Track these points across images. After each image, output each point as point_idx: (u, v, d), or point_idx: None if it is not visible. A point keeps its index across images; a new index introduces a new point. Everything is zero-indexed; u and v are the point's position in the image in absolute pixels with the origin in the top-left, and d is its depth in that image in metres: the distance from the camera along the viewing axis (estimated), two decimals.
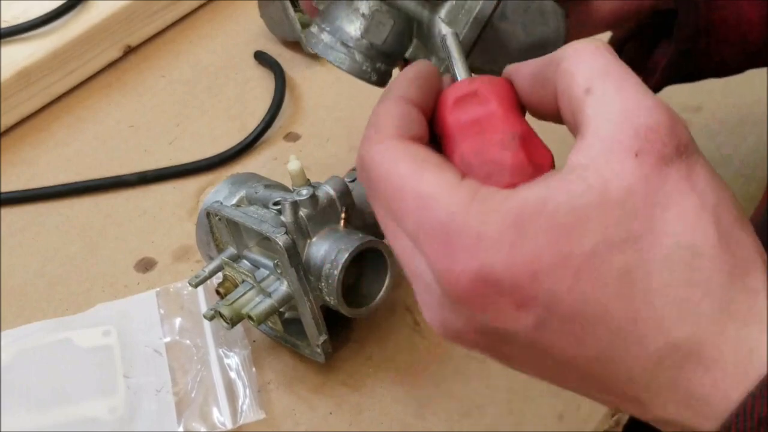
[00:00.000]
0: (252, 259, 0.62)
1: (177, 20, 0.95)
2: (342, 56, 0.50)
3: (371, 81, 0.52)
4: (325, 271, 0.59)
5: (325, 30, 0.51)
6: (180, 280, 0.70)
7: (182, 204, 0.78)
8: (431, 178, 0.37)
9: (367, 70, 0.51)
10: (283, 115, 0.85)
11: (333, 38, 0.50)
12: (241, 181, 0.67)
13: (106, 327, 0.67)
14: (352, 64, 0.51)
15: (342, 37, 0.50)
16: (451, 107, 0.41)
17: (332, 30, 0.50)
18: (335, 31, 0.50)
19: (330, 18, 0.51)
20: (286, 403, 0.63)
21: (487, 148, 0.39)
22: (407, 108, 0.41)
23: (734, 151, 0.77)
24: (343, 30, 0.50)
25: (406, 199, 0.37)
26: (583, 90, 0.36)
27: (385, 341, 0.66)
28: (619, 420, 0.61)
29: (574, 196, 0.35)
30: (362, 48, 0.51)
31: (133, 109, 0.87)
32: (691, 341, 0.34)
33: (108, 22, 0.88)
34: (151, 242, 0.75)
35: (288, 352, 0.66)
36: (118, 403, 0.63)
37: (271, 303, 0.60)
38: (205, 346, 0.66)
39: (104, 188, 0.80)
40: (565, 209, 0.34)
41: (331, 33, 0.50)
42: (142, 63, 0.92)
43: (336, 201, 0.61)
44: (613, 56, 0.37)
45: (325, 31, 0.51)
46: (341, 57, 0.51)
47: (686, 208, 0.35)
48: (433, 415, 0.62)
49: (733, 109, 0.81)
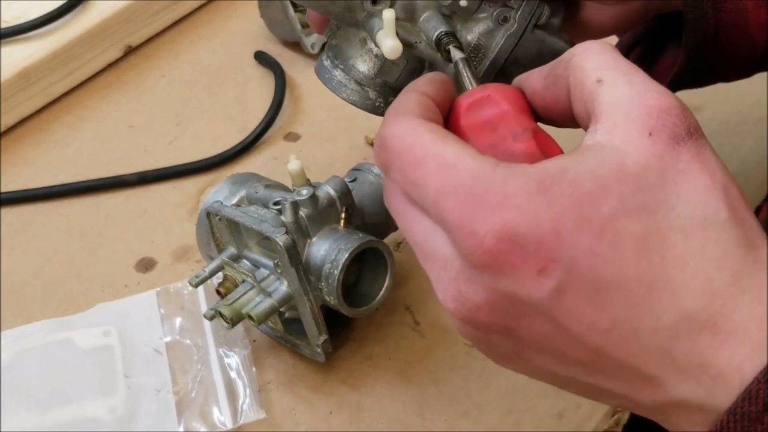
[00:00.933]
0: (252, 259, 0.63)
1: (177, 20, 0.95)
2: (355, 94, 0.51)
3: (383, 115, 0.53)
4: (325, 270, 0.59)
5: (338, 67, 0.51)
6: (180, 280, 0.70)
7: (182, 204, 0.78)
8: (455, 147, 0.38)
9: (380, 106, 0.52)
10: (283, 115, 0.85)
11: (346, 76, 0.51)
12: (242, 181, 0.67)
13: (106, 327, 0.67)
14: (365, 102, 0.52)
15: (355, 76, 0.51)
16: (465, 111, 0.42)
17: (346, 68, 0.51)
18: (349, 69, 0.51)
19: (343, 56, 0.51)
20: (286, 402, 0.63)
21: (501, 141, 0.40)
22: (427, 99, 0.42)
23: (734, 151, 0.77)
24: (356, 69, 0.51)
25: (428, 164, 0.38)
26: (595, 80, 0.38)
27: (385, 341, 0.66)
28: (618, 420, 0.61)
29: (594, 166, 0.36)
30: (376, 86, 0.52)
31: (133, 109, 0.87)
32: (706, 312, 0.35)
33: (108, 23, 0.88)
34: (152, 242, 0.75)
35: (288, 352, 0.66)
36: (119, 403, 0.63)
37: (272, 303, 0.60)
38: (205, 346, 0.66)
39: (104, 188, 0.80)
40: (587, 177, 0.36)
41: (345, 71, 0.51)
42: (142, 63, 0.92)
43: (336, 201, 0.62)
44: (618, 53, 0.39)
45: (338, 68, 0.51)
46: (355, 95, 0.52)
47: (698, 184, 0.36)
48: (433, 415, 0.62)
49: (733, 109, 0.81)
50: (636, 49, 0.57)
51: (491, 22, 0.50)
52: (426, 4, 0.49)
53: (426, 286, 0.69)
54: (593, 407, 0.62)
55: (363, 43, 0.51)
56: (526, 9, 0.50)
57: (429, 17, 0.49)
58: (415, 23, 0.49)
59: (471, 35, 0.51)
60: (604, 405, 0.62)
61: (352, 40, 0.51)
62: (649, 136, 0.36)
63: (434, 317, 0.67)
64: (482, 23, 0.51)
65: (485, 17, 0.50)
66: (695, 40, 0.50)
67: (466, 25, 0.50)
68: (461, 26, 0.50)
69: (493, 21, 0.50)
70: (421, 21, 0.49)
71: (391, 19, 0.46)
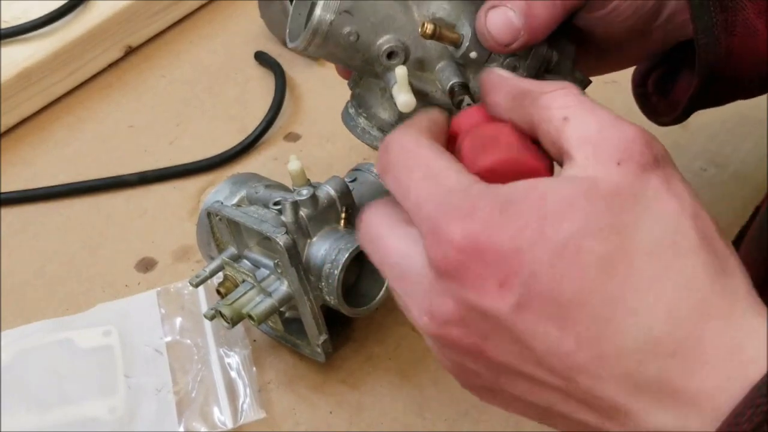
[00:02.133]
0: (252, 259, 0.63)
1: (178, 20, 0.95)
2: (378, 140, 0.53)
3: None
4: (326, 270, 0.59)
5: (362, 115, 0.53)
6: (180, 280, 0.70)
7: (183, 204, 0.78)
8: (444, 162, 0.40)
9: None
10: (284, 115, 0.85)
11: (369, 123, 0.53)
12: (242, 181, 0.67)
13: (106, 327, 0.67)
14: None
15: (378, 123, 0.53)
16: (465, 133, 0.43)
17: (368, 116, 0.53)
18: (371, 117, 0.53)
19: (366, 104, 0.53)
20: (286, 402, 0.63)
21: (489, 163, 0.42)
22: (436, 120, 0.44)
23: (734, 151, 0.78)
24: (378, 117, 0.53)
25: (417, 172, 0.40)
26: (561, 119, 0.39)
27: (385, 341, 0.66)
28: None
29: (564, 187, 0.37)
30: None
31: (134, 109, 0.87)
32: (672, 338, 0.35)
33: (109, 23, 0.88)
34: (152, 242, 0.75)
35: (288, 352, 0.66)
36: (119, 403, 0.63)
37: (272, 303, 0.60)
38: (205, 346, 0.66)
39: (104, 188, 0.80)
40: (554, 196, 0.37)
41: (368, 119, 0.53)
42: (142, 63, 0.92)
43: (336, 201, 0.62)
44: (582, 93, 0.40)
45: (362, 116, 0.53)
46: (377, 141, 0.53)
47: (667, 210, 0.37)
48: (433, 415, 0.62)
49: (733, 110, 0.81)
50: (653, 74, 0.58)
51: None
52: (440, 55, 0.50)
53: None
54: None
55: (383, 92, 0.52)
56: (533, 59, 0.51)
57: (443, 67, 0.50)
58: (431, 72, 0.50)
59: None
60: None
61: (373, 89, 0.52)
62: (618, 165, 0.37)
63: None
64: None
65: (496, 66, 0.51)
66: (708, 64, 0.50)
67: (478, 74, 0.51)
68: (473, 75, 0.51)
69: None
70: (436, 70, 0.50)
71: (403, 75, 0.48)
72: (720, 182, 0.75)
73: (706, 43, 0.49)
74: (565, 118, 0.39)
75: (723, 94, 0.55)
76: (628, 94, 0.83)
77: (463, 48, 0.49)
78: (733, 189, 0.75)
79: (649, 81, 0.57)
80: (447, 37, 0.49)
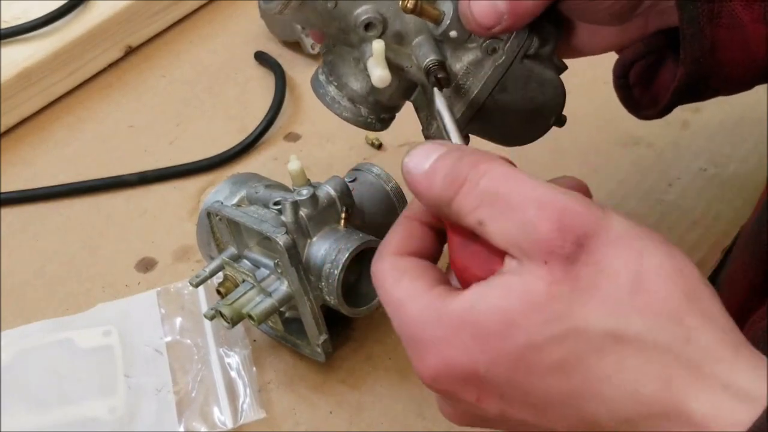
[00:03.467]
0: (252, 259, 0.63)
1: (178, 20, 0.95)
2: (348, 111, 0.52)
3: (375, 129, 0.54)
4: (326, 270, 0.59)
5: (332, 83, 0.52)
6: (180, 280, 0.70)
7: (183, 204, 0.78)
8: (405, 285, 0.42)
9: (372, 122, 0.53)
10: (284, 115, 0.85)
11: (339, 93, 0.52)
12: (242, 181, 0.67)
13: (106, 327, 0.67)
14: (357, 118, 0.53)
15: (348, 93, 0.52)
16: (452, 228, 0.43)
17: (339, 85, 0.52)
18: (342, 86, 0.52)
19: (337, 72, 0.52)
20: (286, 402, 0.63)
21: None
22: (411, 226, 0.46)
23: (734, 151, 0.78)
24: (349, 87, 0.51)
25: (389, 304, 0.43)
26: (477, 223, 0.39)
27: (385, 340, 0.66)
28: None
29: (499, 301, 0.38)
30: (368, 104, 0.52)
31: (134, 109, 0.87)
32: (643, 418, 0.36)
33: (109, 23, 0.88)
34: (152, 242, 0.75)
35: (288, 352, 0.66)
36: (119, 402, 0.63)
37: (272, 302, 0.60)
38: (205, 346, 0.66)
39: (104, 188, 0.80)
40: (492, 316, 0.38)
41: (338, 88, 0.52)
42: (142, 63, 0.92)
43: (336, 201, 0.62)
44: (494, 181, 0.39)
45: (332, 84, 0.52)
46: (347, 111, 0.52)
47: (603, 298, 0.37)
48: (433, 415, 0.62)
49: (733, 110, 0.81)
50: (636, 65, 0.57)
51: (480, 52, 0.50)
52: (419, 30, 0.49)
53: None
54: None
55: (357, 62, 0.51)
56: (514, 42, 0.50)
57: (421, 42, 0.49)
58: (407, 47, 0.49)
59: (459, 64, 0.50)
60: None
61: (346, 57, 0.51)
62: (546, 264, 0.37)
63: None
64: (471, 53, 0.50)
65: (474, 47, 0.50)
66: (693, 55, 0.50)
67: (456, 53, 0.50)
68: (451, 54, 0.50)
69: (482, 51, 0.50)
70: (413, 45, 0.49)
71: (380, 50, 0.47)
72: (720, 182, 0.75)
73: (692, 33, 0.49)
74: (480, 223, 0.39)
75: (707, 89, 0.54)
76: None
77: (443, 26, 0.49)
78: (733, 189, 0.75)
79: (631, 72, 0.57)
80: (428, 14, 0.48)
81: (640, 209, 0.74)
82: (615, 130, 0.80)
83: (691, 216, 0.73)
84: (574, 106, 0.56)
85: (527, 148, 0.57)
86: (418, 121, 0.53)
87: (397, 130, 0.56)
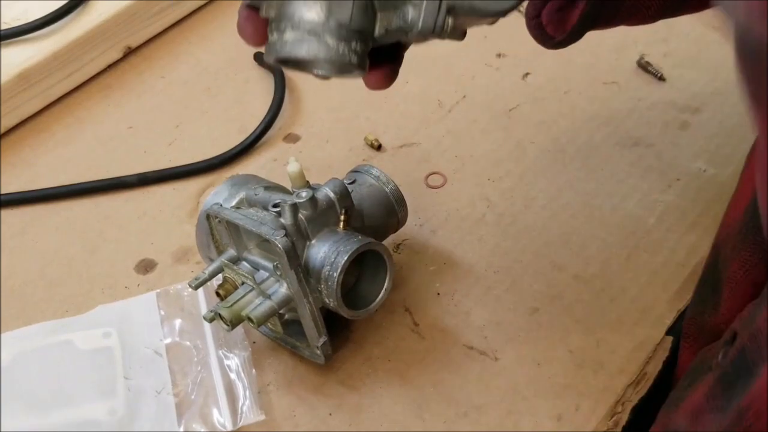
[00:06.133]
0: (252, 261, 0.63)
1: (177, 21, 0.95)
2: (315, 46, 0.47)
3: (352, 63, 0.49)
4: (325, 273, 0.59)
5: (286, 29, 0.48)
6: (180, 282, 0.70)
7: (182, 205, 0.78)
8: None
9: (345, 53, 0.48)
10: (283, 117, 0.85)
11: (298, 32, 0.47)
12: (241, 182, 0.67)
13: (106, 328, 0.67)
14: (327, 51, 0.48)
15: (307, 27, 0.47)
16: None
17: (294, 24, 0.47)
18: (297, 24, 0.47)
19: (287, 16, 0.48)
20: (286, 404, 0.63)
21: None
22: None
23: (734, 151, 0.77)
24: (305, 20, 0.47)
25: None
26: None
27: (384, 342, 0.66)
28: (618, 420, 0.61)
29: None
30: (332, 31, 0.48)
31: (133, 110, 0.87)
32: None
33: (108, 24, 0.88)
34: (151, 244, 0.75)
35: (288, 354, 0.66)
36: (118, 404, 0.63)
37: (271, 305, 0.60)
38: (205, 348, 0.66)
39: (104, 189, 0.80)
40: None
41: (294, 28, 0.48)
42: (142, 64, 0.92)
43: (335, 203, 0.62)
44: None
45: (286, 30, 0.48)
46: (314, 47, 0.47)
47: None
48: (432, 416, 0.62)
49: (733, 110, 0.81)
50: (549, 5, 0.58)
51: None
52: None
53: (425, 287, 0.69)
54: (592, 409, 0.62)
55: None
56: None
57: None
58: None
59: None
60: (603, 407, 0.62)
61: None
62: None
63: (433, 319, 0.67)
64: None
65: None
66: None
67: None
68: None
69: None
70: None
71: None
72: (720, 182, 0.75)
73: None
74: None
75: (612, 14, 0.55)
76: (628, 94, 0.83)
77: None
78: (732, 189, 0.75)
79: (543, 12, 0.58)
80: None
81: (640, 209, 0.74)
82: (615, 130, 0.80)
83: (691, 216, 0.73)
84: (574, 106, 0.56)
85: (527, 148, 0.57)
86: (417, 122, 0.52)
87: (396, 131, 0.56)
